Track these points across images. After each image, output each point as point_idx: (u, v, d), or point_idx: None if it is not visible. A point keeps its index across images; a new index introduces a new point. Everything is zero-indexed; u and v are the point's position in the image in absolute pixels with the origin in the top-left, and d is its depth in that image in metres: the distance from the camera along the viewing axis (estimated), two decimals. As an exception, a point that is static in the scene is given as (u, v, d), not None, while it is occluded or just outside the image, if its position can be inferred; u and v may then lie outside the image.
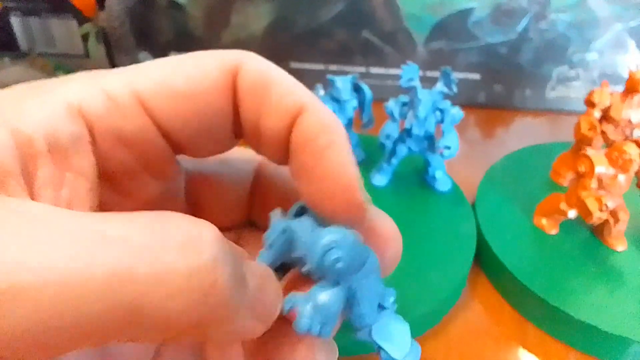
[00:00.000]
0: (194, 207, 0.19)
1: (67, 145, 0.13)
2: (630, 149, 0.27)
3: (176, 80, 0.14)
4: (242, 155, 0.19)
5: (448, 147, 0.33)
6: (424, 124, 0.32)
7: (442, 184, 0.34)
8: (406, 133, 0.33)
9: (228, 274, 0.11)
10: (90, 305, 0.09)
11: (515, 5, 0.45)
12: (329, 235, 0.13)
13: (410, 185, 0.34)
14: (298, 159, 0.15)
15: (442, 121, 0.33)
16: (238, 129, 0.16)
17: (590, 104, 0.34)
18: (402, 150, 0.34)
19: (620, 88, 0.33)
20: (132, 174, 0.15)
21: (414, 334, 0.27)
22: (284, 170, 0.17)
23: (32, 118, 0.12)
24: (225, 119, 0.15)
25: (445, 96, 0.32)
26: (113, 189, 0.15)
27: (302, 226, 0.15)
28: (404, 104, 0.34)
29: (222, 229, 0.12)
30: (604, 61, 0.47)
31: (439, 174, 0.34)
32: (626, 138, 0.33)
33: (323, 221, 0.15)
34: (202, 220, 0.11)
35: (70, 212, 0.10)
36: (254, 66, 0.15)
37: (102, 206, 0.15)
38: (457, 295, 0.28)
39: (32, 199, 0.12)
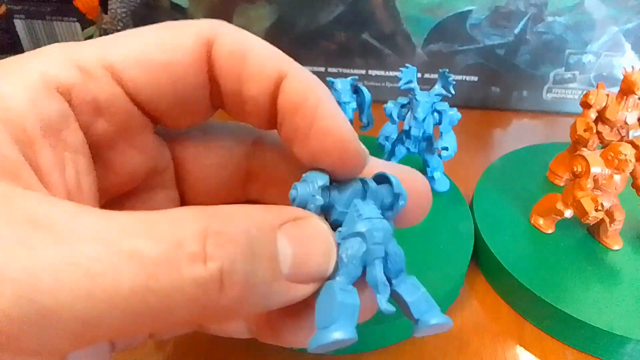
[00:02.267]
0: (184, 185, 0.19)
1: (57, 125, 0.13)
2: (626, 149, 0.27)
3: (150, 50, 0.14)
4: (232, 131, 0.19)
5: (446, 148, 0.33)
6: (423, 125, 0.33)
7: (441, 184, 0.34)
8: (405, 134, 0.34)
9: (237, 278, 0.11)
10: (117, 313, 0.10)
11: (513, 8, 0.45)
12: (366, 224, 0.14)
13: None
14: (290, 123, 0.15)
15: (440, 122, 0.33)
16: (216, 99, 0.16)
17: (586, 105, 0.34)
18: (400, 151, 0.34)
19: (616, 89, 0.34)
20: (112, 146, 0.15)
21: (413, 333, 0.27)
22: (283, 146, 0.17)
23: (16, 102, 0.12)
24: (201, 89, 0.15)
25: (443, 98, 0.32)
26: (97, 162, 0.15)
27: (341, 197, 0.15)
28: (403, 106, 0.34)
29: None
30: (600, 63, 0.48)
31: (437, 175, 0.34)
32: (622, 139, 0.34)
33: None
34: (213, 217, 0.12)
35: (89, 217, 0.11)
36: (230, 35, 0.15)
37: None
38: (455, 293, 0.28)
39: (43, 185, 0.12)
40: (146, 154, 0.16)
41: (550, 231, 0.31)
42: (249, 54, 0.15)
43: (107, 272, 0.10)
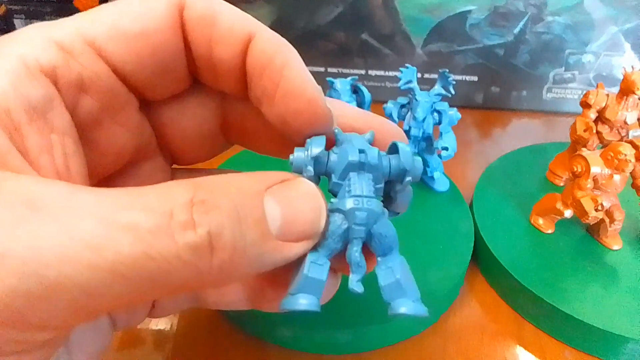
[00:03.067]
0: (170, 149, 0.19)
1: (42, 108, 0.13)
2: (626, 149, 0.27)
3: (125, 21, 0.14)
4: (201, 88, 0.18)
5: (446, 148, 0.33)
6: (422, 125, 0.33)
7: (440, 184, 0.34)
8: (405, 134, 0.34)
9: (225, 241, 0.12)
10: (120, 281, 0.11)
11: (512, 8, 0.45)
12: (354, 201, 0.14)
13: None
14: (258, 84, 0.15)
15: (440, 122, 0.33)
16: (193, 65, 0.16)
17: (585, 105, 0.34)
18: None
19: (615, 89, 0.34)
20: (100, 125, 0.15)
21: (413, 332, 0.27)
22: None
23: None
24: (178, 55, 0.15)
25: (443, 98, 0.32)
26: (84, 143, 0.15)
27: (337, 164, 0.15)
28: (403, 106, 0.34)
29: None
30: (599, 63, 0.48)
31: (437, 175, 0.34)
32: (621, 139, 0.34)
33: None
34: (197, 187, 0.12)
35: (83, 194, 0.11)
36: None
37: None
38: (455, 293, 0.29)
39: (33, 168, 0.13)
40: (131, 131, 0.17)
41: (550, 231, 0.31)
42: (218, 16, 0.15)
43: (107, 243, 0.11)
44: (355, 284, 0.15)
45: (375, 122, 0.17)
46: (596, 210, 0.27)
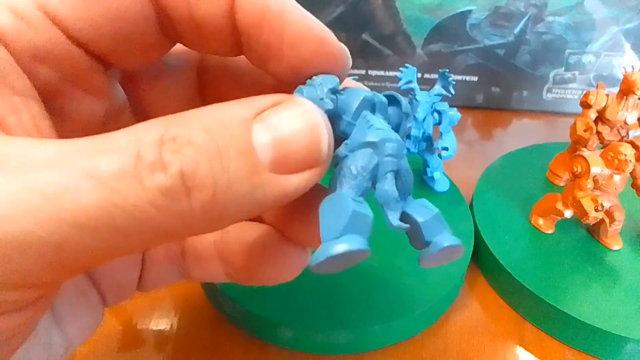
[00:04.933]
0: (144, 118, 0.17)
1: (0, 71, 0.12)
2: (626, 149, 0.27)
3: None
4: (177, 50, 0.17)
5: (446, 149, 0.33)
6: (423, 125, 0.33)
7: (441, 184, 0.34)
8: (405, 134, 0.34)
9: (202, 178, 0.11)
10: (86, 233, 0.10)
11: (513, 8, 0.45)
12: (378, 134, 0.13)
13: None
14: (258, 42, 0.14)
15: (440, 122, 0.33)
16: (170, 30, 0.14)
17: (586, 105, 0.34)
18: (400, 151, 0.34)
19: (615, 90, 0.34)
20: (61, 93, 0.14)
21: (413, 332, 0.27)
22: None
23: None
24: (145, 20, 0.14)
25: (443, 98, 0.32)
26: (49, 111, 0.14)
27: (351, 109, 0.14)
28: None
29: None
30: (600, 63, 0.48)
31: (437, 175, 0.34)
32: (622, 139, 0.34)
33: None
34: (169, 122, 0.11)
35: (44, 145, 0.10)
36: None
37: None
38: (455, 293, 0.28)
39: (1, 129, 0.12)
40: (99, 97, 0.15)
41: (550, 231, 0.31)
42: None
43: (66, 193, 0.10)
44: (396, 220, 0.13)
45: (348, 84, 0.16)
46: (596, 210, 0.27)
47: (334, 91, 0.13)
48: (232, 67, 0.17)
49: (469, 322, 0.28)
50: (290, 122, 0.12)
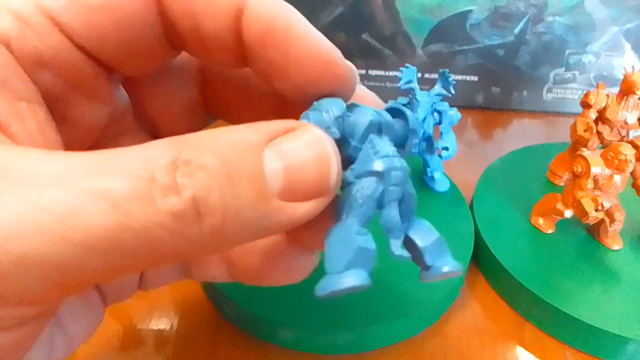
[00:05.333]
0: (147, 122, 0.18)
1: (4, 77, 0.12)
2: (626, 149, 0.27)
3: None
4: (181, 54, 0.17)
5: (446, 149, 0.33)
6: (423, 125, 0.33)
7: (441, 184, 0.34)
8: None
9: (214, 204, 0.11)
10: (94, 255, 0.10)
11: (513, 8, 0.45)
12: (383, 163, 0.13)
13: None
14: (261, 56, 0.14)
15: (440, 123, 0.33)
16: (175, 39, 0.14)
17: (586, 105, 0.34)
18: (401, 151, 0.34)
19: (616, 90, 0.34)
20: (64, 98, 0.14)
21: (413, 332, 0.27)
22: None
23: None
24: (150, 29, 0.14)
25: (444, 98, 0.32)
26: (53, 117, 0.14)
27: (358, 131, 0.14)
28: (403, 106, 0.34)
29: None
30: (600, 63, 0.48)
31: (437, 175, 0.34)
32: (622, 139, 0.34)
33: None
34: (181, 145, 0.11)
35: (53, 160, 0.10)
36: None
37: None
38: (455, 294, 0.28)
39: (6, 136, 0.12)
40: (103, 103, 0.15)
41: (550, 231, 0.31)
42: None
43: (77, 213, 0.09)
44: (400, 249, 0.13)
45: (358, 92, 0.16)
46: (596, 210, 0.27)
47: (339, 118, 0.13)
48: (237, 74, 0.16)
49: (469, 322, 0.28)
50: (301, 151, 0.12)
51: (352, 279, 0.12)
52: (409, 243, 0.14)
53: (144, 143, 0.11)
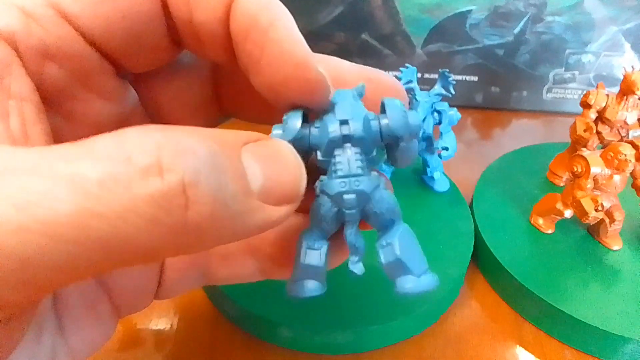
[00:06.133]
0: (158, 120, 0.17)
1: None
2: (626, 149, 0.27)
3: None
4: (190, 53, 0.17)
5: (446, 148, 0.33)
6: (422, 125, 0.33)
7: (440, 184, 0.34)
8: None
9: (204, 190, 0.10)
10: (61, 246, 0.09)
11: (512, 8, 0.45)
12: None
13: (409, 185, 0.35)
14: (243, 50, 0.14)
15: (440, 123, 0.33)
16: (174, 33, 0.14)
17: (586, 105, 0.34)
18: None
19: (615, 89, 0.34)
20: (71, 94, 0.14)
21: (413, 332, 0.27)
22: None
23: None
24: (155, 22, 0.14)
25: (443, 98, 0.32)
26: (57, 114, 0.14)
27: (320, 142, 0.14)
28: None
29: None
30: (599, 63, 0.48)
31: (437, 175, 0.34)
32: (621, 139, 0.34)
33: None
34: (166, 131, 0.10)
35: (25, 152, 0.10)
36: None
37: (54, 134, 0.13)
38: (455, 293, 0.28)
39: None
40: (111, 100, 0.15)
41: (550, 231, 0.31)
42: None
43: (40, 200, 0.09)
44: (354, 265, 0.14)
45: (372, 75, 0.16)
46: (596, 210, 0.27)
47: (300, 133, 0.13)
48: (241, 74, 0.16)
49: (469, 322, 0.28)
50: (275, 161, 0.12)
51: (307, 289, 0.14)
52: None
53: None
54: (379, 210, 0.14)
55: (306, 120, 0.14)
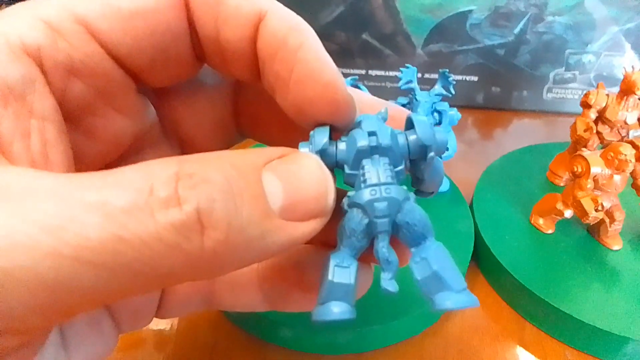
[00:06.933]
0: (176, 138, 0.17)
1: (21, 91, 0.12)
2: (626, 149, 0.27)
3: None
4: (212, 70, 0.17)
5: (446, 149, 0.33)
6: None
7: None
8: (405, 134, 0.33)
9: (218, 217, 0.10)
10: (91, 271, 0.09)
11: (513, 8, 0.45)
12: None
13: (409, 185, 0.35)
14: (270, 69, 0.14)
15: (440, 122, 0.33)
16: (199, 49, 0.15)
17: (586, 105, 0.34)
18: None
19: (616, 89, 0.34)
20: (92, 110, 0.14)
21: (413, 332, 0.27)
22: None
23: None
24: (181, 37, 0.14)
25: (444, 98, 0.32)
26: (77, 130, 0.14)
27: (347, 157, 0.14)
28: (403, 106, 0.34)
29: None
30: (600, 63, 0.48)
31: (437, 175, 0.34)
32: (622, 139, 0.34)
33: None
34: (184, 162, 0.11)
35: (49, 177, 0.10)
36: None
37: (73, 150, 0.14)
38: (455, 293, 0.28)
39: (5, 157, 0.12)
40: (131, 117, 0.15)
41: (550, 231, 0.31)
42: None
43: (69, 225, 0.09)
44: (387, 282, 0.13)
45: (391, 105, 0.16)
46: (596, 210, 0.27)
47: (324, 149, 0.13)
48: (263, 94, 0.16)
49: (469, 322, 0.28)
50: (299, 172, 0.12)
51: (333, 312, 0.12)
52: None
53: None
54: (411, 220, 0.13)
55: (331, 138, 0.14)
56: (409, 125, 0.14)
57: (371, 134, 0.13)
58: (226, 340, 0.26)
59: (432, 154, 0.14)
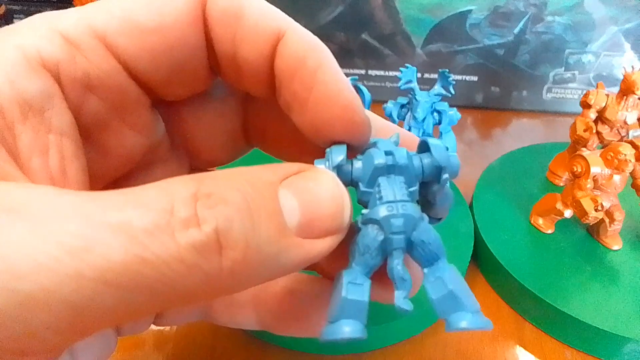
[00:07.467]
0: (185, 151, 0.17)
1: (40, 106, 0.12)
2: (626, 149, 0.27)
3: (139, 14, 0.13)
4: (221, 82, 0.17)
5: (446, 148, 0.33)
6: (422, 125, 0.33)
7: (440, 184, 0.34)
8: (405, 134, 0.33)
9: (236, 237, 0.10)
10: (113, 292, 0.09)
11: (513, 8, 0.45)
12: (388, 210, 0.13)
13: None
14: (288, 89, 0.14)
15: (440, 122, 0.33)
16: (215, 63, 0.15)
17: (585, 105, 0.34)
18: (400, 151, 0.34)
19: (615, 89, 0.34)
20: (107, 126, 0.14)
21: (413, 332, 0.27)
22: None
23: None
24: (198, 53, 0.14)
25: (443, 98, 0.32)
26: (90, 145, 0.14)
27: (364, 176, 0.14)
28: (403, 106, 0.34)
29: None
30: (599, 63, 0.48)
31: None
32: (621, 139, 0.34)
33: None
34: (203, 181, 0.11)
35: (70, 196, 0.10)
36: None
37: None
38: (455, 293, 0.28)
39: (22, 172, 0.12)
40: (143, 133, 0.15)
41: (550, 231, 0.31)
42: (244, 11, 0.13)
43: (93, 247, 0.09)
44: (402, 301, 0.13)
45: (403, 131, 0.16)
46: (596, 210, 0.27)
47: (340, 165, 0.14)
48: (273, 108, 0.16)
49: (469, 322, 0.28)
50: (316, 189, 0.12)
51: (344, 331, 0.12)
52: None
53: (172, 176, 0.11)
54: (427, 239, 0.13)
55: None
56: (423, 148, 0.15)
57: (388, 153, 0.14)
58: (226, 341, 0.26)
59: (446, 175, 0.14)
